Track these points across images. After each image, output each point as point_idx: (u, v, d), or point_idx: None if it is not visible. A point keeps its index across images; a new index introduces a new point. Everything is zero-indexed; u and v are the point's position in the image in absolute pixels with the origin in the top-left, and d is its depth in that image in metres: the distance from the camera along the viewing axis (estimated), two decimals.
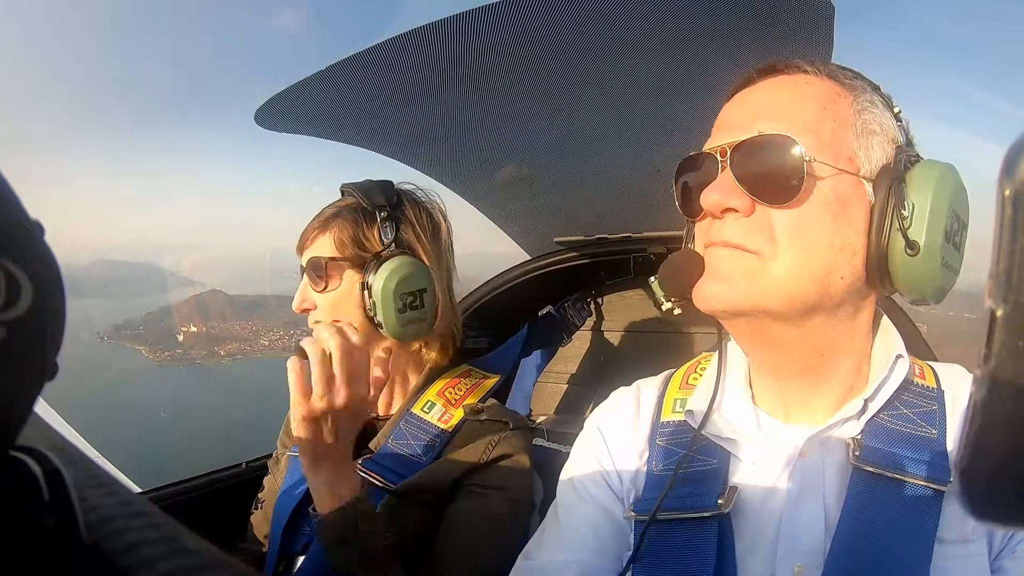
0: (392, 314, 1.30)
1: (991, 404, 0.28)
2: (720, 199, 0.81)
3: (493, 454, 1.29)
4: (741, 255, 0.80)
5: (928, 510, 0.78)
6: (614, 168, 1.94)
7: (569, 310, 2.29)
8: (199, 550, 0.30)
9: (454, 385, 1.45)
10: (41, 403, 0.35)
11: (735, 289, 0.80)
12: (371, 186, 1.39)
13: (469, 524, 1.26)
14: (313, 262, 1.36)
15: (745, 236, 0.80)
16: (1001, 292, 0.27)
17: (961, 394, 0.87)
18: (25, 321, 0.31)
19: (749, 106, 0.86)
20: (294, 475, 1.44)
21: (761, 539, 0.84)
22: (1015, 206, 0.26)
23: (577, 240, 2.18)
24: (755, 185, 0.79)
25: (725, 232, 0.82)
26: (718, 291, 0.82)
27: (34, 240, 0.33)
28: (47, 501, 0.31)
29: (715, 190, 0.81)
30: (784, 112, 0.81)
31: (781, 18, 1.28)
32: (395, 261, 1.31)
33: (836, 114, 0.81)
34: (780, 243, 0.78)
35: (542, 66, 1.49)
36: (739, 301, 0.80)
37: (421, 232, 1.38)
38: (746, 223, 0.80)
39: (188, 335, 74.57)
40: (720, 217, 0.82)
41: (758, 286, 0.79)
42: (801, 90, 0.83)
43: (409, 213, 1.39)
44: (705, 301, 0.83)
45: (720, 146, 0.83)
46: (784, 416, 0.90)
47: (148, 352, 77.16)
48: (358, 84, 1.57)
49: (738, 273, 0.80)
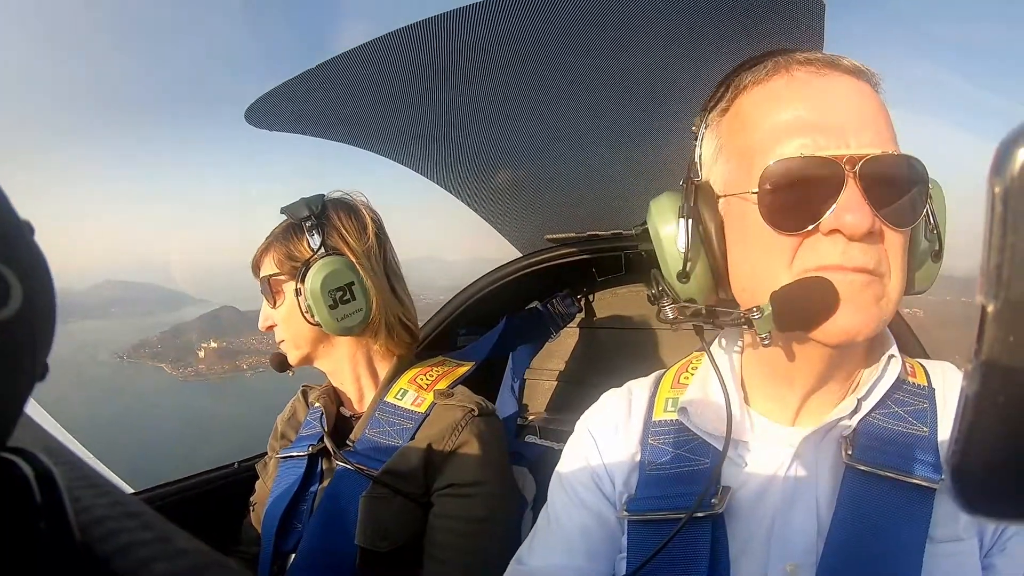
0: (325, 311, 1.37)
1: (982, 399, 0.28)
2: (868, 222, 0.72)
3: (459, 439, 1.32)
4: (872, 281, 0.75)
5: (920, 508, 0.78)
6: (605, 166, 1.94)
7: (557, 305, 2.29)
8: (193, 550, 0.30)
9: (426, 372, 1.50)
10: (33, 404, 0.35)
11: (871, 319, 0.75)
12: (300, 203, 1.46)
13: (452, 531, 1.28)
14: (262, 282, 1.47)
15: (877, 261, 0.75)
16: (992, 288, 0.27)
17: (951, 391, 0.88)
18: (15, 322, 0.31)
19: (845, 107, 0.78)
20: (284, 476, 1.48)
21: (754, 539, 0.84)
22: (1005, 203, 0.27)
23: (568, 237, 2.18)
24: (889, 208, 0.74)
25: (857, 256, 0.74)
26: (860, 323, 0.74)
27: (24, 240, 0.33)
28: (39, 503, 0.31)
29: (858, 210, 0.72)
30: (881, 126, 0.78)
31: (771, 15, 1.28)
32: (320, 263, 1.38)
33: None
34: (895, 267, 0.77)
35: (531, 65, 1.49)
36: (873, 331, 0.76)
37: (346, 233, 1.44)
38: (876, 246, 0.75)
39: (208, 351, 75.31)
40: (860, 240, 0.74)
41: (884, 313, 0.76)
42: (877, 102, 0.80)
43: (333, 218, 1.45)
44: (844, 333, 0.75)
45: (846, 155, 0.74)
46: (778, 417, 0.90)
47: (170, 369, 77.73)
48: (347, 83, 1.57)
49: (871, 301, 0.75)
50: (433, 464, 1.31)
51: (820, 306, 0.73)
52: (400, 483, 1.29)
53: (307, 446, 1.45)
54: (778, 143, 0.77)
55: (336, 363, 1.49)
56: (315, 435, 1.47)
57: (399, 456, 1.32)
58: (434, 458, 1.31)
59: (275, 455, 1.57)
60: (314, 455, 1.44)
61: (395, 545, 1.26)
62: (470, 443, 1.32)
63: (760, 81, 0.83)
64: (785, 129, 0.78)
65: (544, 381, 2.53)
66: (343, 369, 1.49)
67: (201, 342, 73.51)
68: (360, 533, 1.26)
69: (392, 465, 1.31)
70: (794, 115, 0.78)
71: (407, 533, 1.28)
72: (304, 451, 1.45)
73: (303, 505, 1.41)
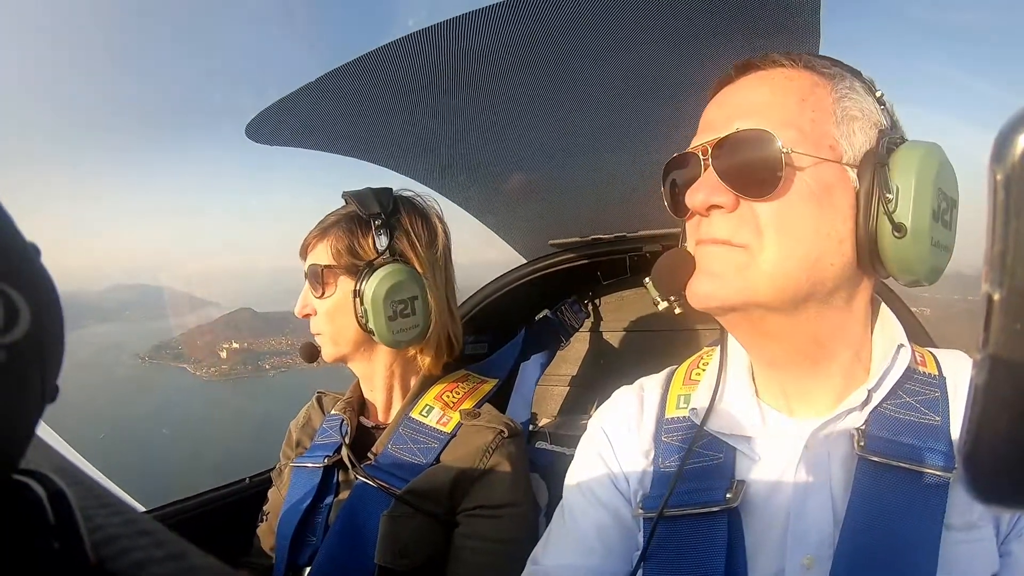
0: (383, 321, 1.32)
1: (991, 388, 0.28)
2: (705, 197, 0.82)
3: (490, 462, 1.30)
4: (729, 250, 0.81)
5: (935, 497, 0.78)
6: (607, 169, 1.94)
7: (566, 312, 2.29)
8: (206, 567, 0.30)
9: (451, 389, 1.46)
10: (43, 425, 0.35)
11: (727, 285, 0.81)
12: (368, 194, 1.40)
13: (479, 550, 1.26)
14: (312, 269, 1.39)
15: (732, 231, 0.81)
16: (997, 276, 0.27)
17: (962, 380, 0.87)
18: (23, 344, 0.31)
19: (728, 105, 0.87)
20: (298, 486, 1.45)
21: (770, 532, 0.84)
22: (1007, 190, 0.27)
23: (572, 242, 2.17)
24: (737, 180, 0.80)
25: (713, 229, 0.83)
26: (710, 288, 0.83)
27: (31, 263, 0.33)
28: (52, 523, 0.31)
29: (699, 188, 0.82)
30: (763, 108, 0.83)
31: (767, 13, 1.28)
32: (386, 269, 1.33)
33: (815, 104, 0.82)
34: (766, 235, 0.79)
35: (530, 70, 1.49)
36: (731, 296, 0.81)
37: (416, 240, 1.39)
38: (732, 218, 0.81)
39: (230, 351, 75.82)
40: (707, 215, 0.83)
41: (748, 280, 0.79)
42: (779, 85, 0.84)
43: (404, 221, 1.40)
44: (698, 299, 0.84)
45: (701, 145, 0.84)
46: (788, 409, 0.90)
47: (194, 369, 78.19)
48: (350, 93, 1.58)
49: (728, 268, 0.81)
50: (461, 486, 1.28)
51: (681, 274, 0.86)
52: (423, 502, 1.27)
53: (323, 457, 1.42)
54: None
55: (372, 369, 1.46)
56: (331, 444, 1.44)
57: (425, 476, 1.29)
58: (462, 480, 1.28)
59: (289, 463, 1.54)
60: (330, 467, 1.41)
61: (414, 564, 1.24)
62: (501, 465, 1.30)
63: (711, 97, 0.93)
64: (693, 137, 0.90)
65: (553, 387, 2.52)
66: (377, 376, 1.46)
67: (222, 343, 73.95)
68: (380, 551, 1.24)
69: (416, 484, 1.28)
70: (700, 124, 0.91)
71: (427, 552, 1.26)
72: (320, 462, 1.41)
73: (318, 517, 1.39)
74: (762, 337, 0.87)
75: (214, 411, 48.23)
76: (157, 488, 20.16)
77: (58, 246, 43.03)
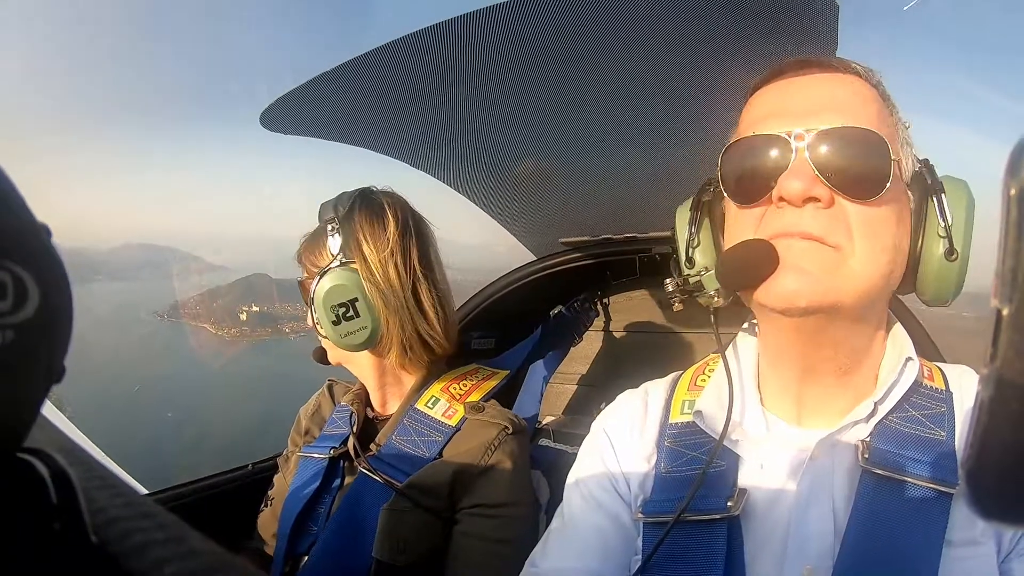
0: (328, 326, 1.33)
1: (997, 403, 0.28)
2: (805, 187, 0.76)
3: (492, 459, 1.29)
4: (822, 248, 0.77)
5: (937, 512, 0.77)
6: (620, 169, 1.93)
7: (578, 309, 2.28)
8: (206, 551, 0.30)
9: (459, 381, 1.46)
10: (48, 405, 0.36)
11: (818, 284, 0.76)
12: (328, 201, 1.40)
13: (477, 549, 1.25)
14: (300, 283, 1.45)
15: (826, 229, 0.77)
16: (1007, 291, 0.27)
17: (969, 395, 0.87)
18: (32, 324, 0.31)
19: (812, 97, 0.82)
20: (303, 475, 1.45)
21: (770, 542, 0.83)
22: (1020, 205, 0.26)
23: (582, 241, 2.17)
24: (840, 177, 0.77)
25: (804, 223, 0.77)
26: (798, 285, 0.77)
27: (41, 243, 0.34)
28: (55, 503, 0.31)
29: (796, 176, 0.77)
30: (851, 109, 0.80)
31: (785, 17, 1.28)
32: (328, 275, 1.33)
33: (889, 120, 0.83)
34: (856, 240, 0.77)
35: (547, 68, 1.49)
36: (819, 297, 0.76)
37: (363, 239, 1.34)
38: (827, 215, 0.77)
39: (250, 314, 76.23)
40: (801, 206, 0.78)
41: (838, 282, 0.77)
42: (858, 91, 0.83)
43: (356, 220, 1.36)
44: (781, 297, 0.78)
45: (796, 131, 0.79)
46: (796, 419, 0.90)
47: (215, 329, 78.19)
48: (364, 85, 1.58)
49: (821, 267, 0.77)
50: (462, 482, 1.27)
51: (761, 267, 0.78)
52: (423, 497, 1.26)
53: (329, 448, 1.42)
54: (744, 133, 0.85)
55: (360, 370, 1.47)
56: (339, 436, 1.44)
57: (426, 470, 1.28)
58: (463, 476, 1.27)
59: (297, 451, 1.54)
60: (335, 458, 1.41)
61: (412, 560, 1.23)
62: (502, 463, 1.29)
63: (758, 88, 0.89)
64: (752, 122, 0.85)
65: (558, 385, 2.52)
66: (368, 376, 1.47)
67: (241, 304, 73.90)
68: (378, 546, 1.23)
69: (418, 479, 1.27)
70: (765, 110, 0.85)
71: (425, 548, 1.25)
72: (326, 453, 1.41)
73: (320, 507, 1.39)
74: (817, 345, 0.84)
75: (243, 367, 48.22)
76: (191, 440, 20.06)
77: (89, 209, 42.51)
